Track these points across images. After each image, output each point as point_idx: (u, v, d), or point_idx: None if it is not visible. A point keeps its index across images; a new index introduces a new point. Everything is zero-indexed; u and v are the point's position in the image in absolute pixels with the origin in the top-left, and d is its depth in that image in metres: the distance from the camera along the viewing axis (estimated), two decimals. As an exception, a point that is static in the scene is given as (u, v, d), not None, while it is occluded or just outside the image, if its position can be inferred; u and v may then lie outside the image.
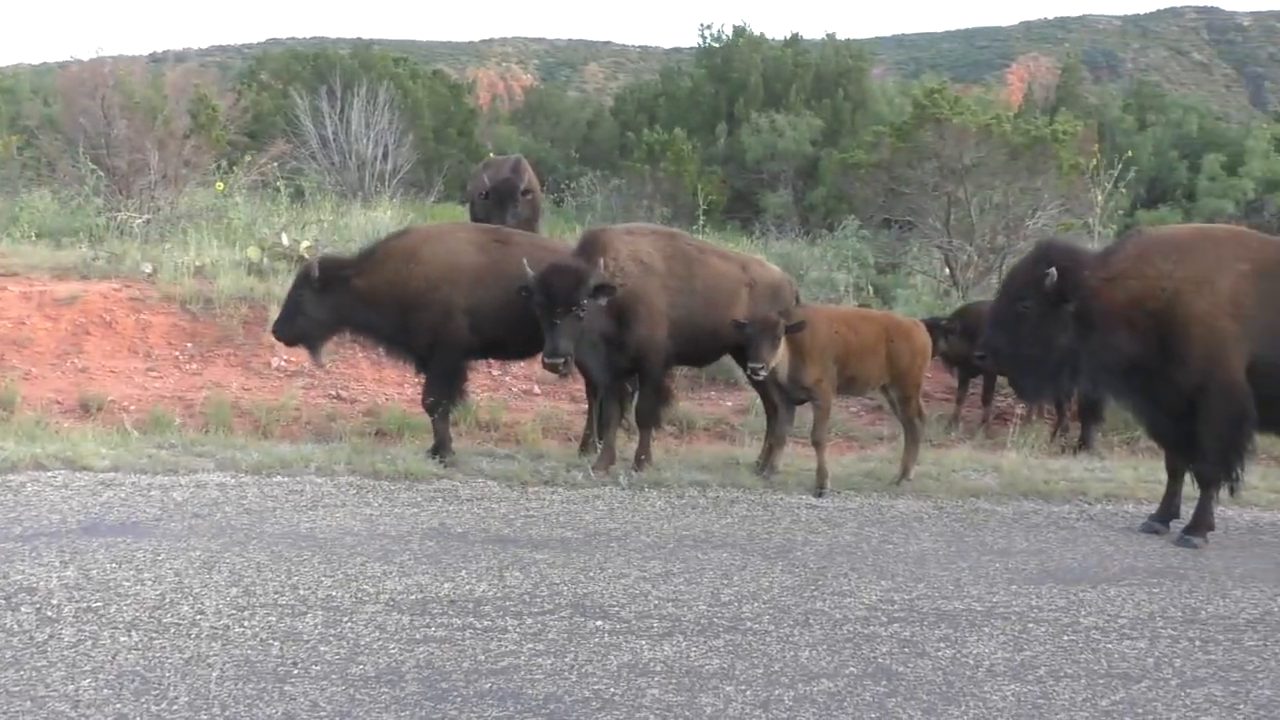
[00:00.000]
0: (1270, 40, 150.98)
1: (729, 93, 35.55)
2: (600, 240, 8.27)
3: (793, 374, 7.87)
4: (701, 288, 8.48)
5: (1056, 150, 16.30)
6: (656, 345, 8.24)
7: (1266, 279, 7.09)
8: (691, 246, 8.82)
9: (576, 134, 42.91)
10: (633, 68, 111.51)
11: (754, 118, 32.57)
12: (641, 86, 44.52)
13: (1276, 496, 8.63)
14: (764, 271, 9.03)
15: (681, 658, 4.73)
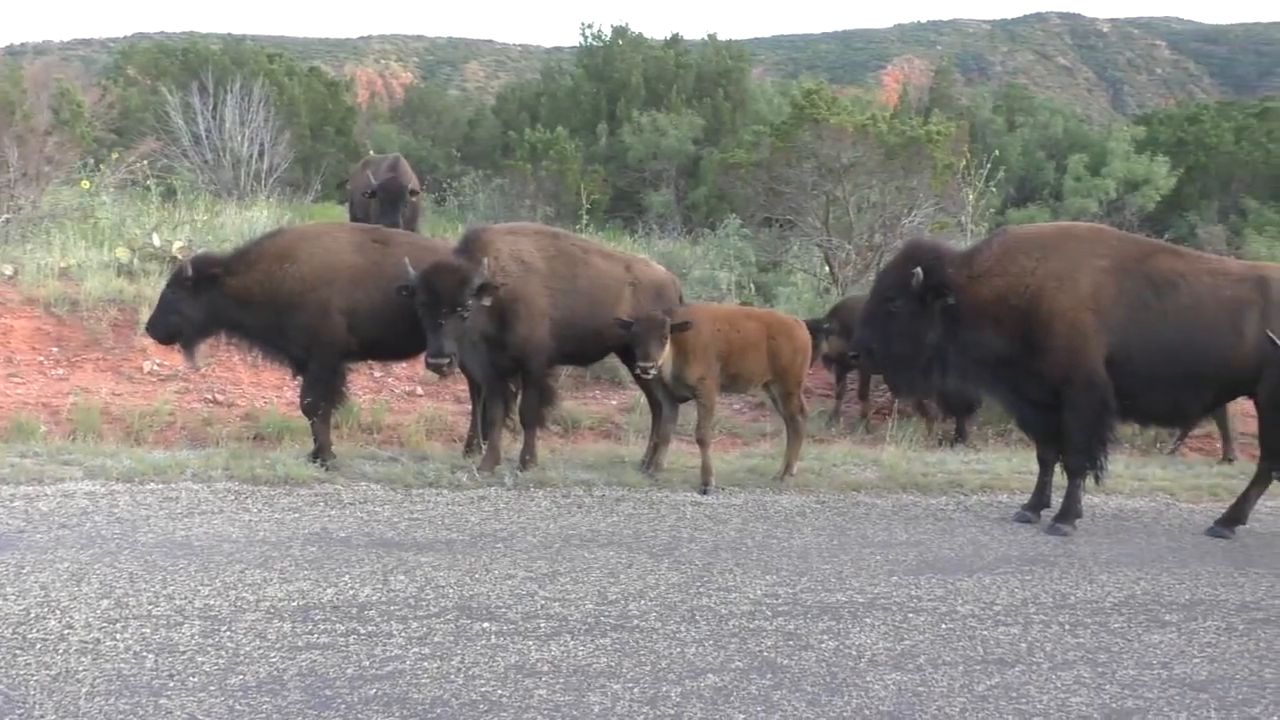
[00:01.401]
0: (1128, 46, 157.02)
1: (610, 92, 35.61)
2: (482, 239, 8.21)
3: (677, 372, 7.93)
4: (585, 287, 8.48)
5: (931, 150, 16.69)
6: (538, 345, 8.22)
7: (1125, 275, 7.38)
8: (575, 246, 8.81)
9: (458, 133, 42.53)
10: (514, 66, 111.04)
11: (636, 117, 32.69)
12: (523, 85, 44.42)
13: (1139, 484, 8.98)
14: (648, 271, 9.07)
15: (569, 657, 4.73)
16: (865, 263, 15.95)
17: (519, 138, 30.78)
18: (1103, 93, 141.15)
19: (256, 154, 21.52)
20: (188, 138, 21.54)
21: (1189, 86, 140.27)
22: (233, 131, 21.40)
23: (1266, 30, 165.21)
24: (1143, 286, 7.35)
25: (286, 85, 31.74)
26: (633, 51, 36.74)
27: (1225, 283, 7.52)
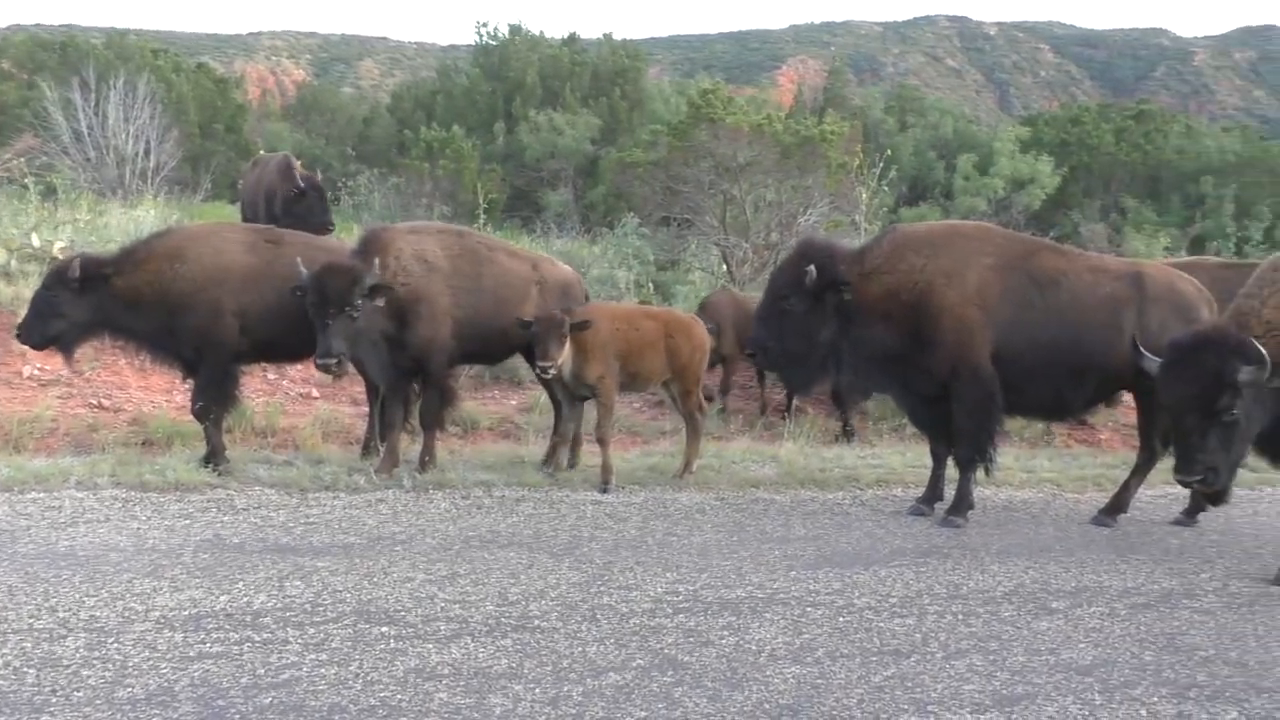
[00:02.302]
0: (1014, 49, 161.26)
1: (507, 91, 35.47)
2: (380, 239, 8.12)
3: (577, 371, 7.93)
4: (490, 286, 8.44)
5: (825, 150, 16.93)
6: (439, 344, 8.16)
7: (1010, 272, 7.58)
8: (481, 245, 8.77)
9: (352, 131, 41.98)
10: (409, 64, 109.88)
11: (532, 116, 32.60)
12: (418, 84, 43.97)
13: (1028, 476, 9.24)
14: (555, 270, 9.07)
15: (470, 659, 4.69)
16: (762, 261, 16.12)
17: (415, 137, 30.49)
18: (990, 94, 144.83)
19: (142, 152, 20.95)
20: (68, 134, 20.87)
21: (1071, 89, 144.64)
22: (116, 128, 20.79)
23: (1143, 36, 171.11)
24: (1027, 283, 7.56)
25: (174, 82, 31.00)
26: (529, 50, 36.66)
27: (1105, 279, 7.77)
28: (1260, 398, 6.06)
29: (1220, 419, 6.01)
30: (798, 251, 7.84)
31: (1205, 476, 6.11)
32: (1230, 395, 5.95)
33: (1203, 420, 6.03)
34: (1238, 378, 5.91)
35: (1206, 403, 6.01)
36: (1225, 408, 5.97)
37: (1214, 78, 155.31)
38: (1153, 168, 34.95)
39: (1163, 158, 35.09)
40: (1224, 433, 6.05)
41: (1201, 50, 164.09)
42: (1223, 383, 5.95)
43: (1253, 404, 6.04)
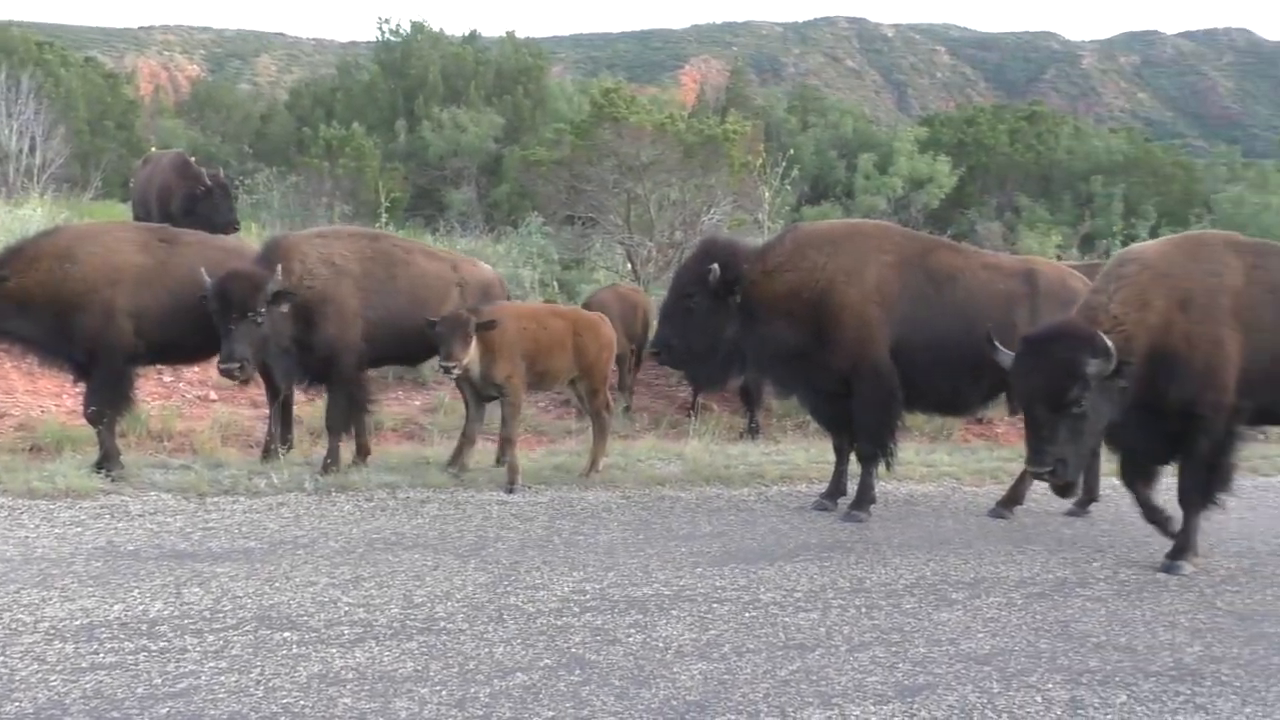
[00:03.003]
0: (911, 50, 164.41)
1: (408, 89, 35.08)
2: (284, 245, 8.07)
3: (484, 371, 7.86)
4: (406, 288, 8.38)
5: (728, 149, 17.06)
6: (347, 348, 8.08)
7: (908, 269, 7.72)
8: (397, 247, 8.71)
9: (249, 128, 41.17)
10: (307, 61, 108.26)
11: (435, 114, 32.30)
12: (317, 81, 43.32)
13: (928, 470, 9.41)
14: (475, 270, 9.02)
15: (374, 663, 4.63)
16: (666, 260, 16.19)
17: (314, 134, 29.97)
18: (889, 94, 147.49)
19: (28, 148, 20.29)
20: (-53, 130, 20.15)
21: (967, 90, 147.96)
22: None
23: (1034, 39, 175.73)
24: (924, 281, 7.70)
25: (62, 76, 30.08)
26: (431, 48, 36.31)
27: (999, 277, 7.96)
28: (1107, 392, 6.25)
29: (1069, 412, 6.17)
30: (701, 250, 7.90)
31: (1055, 468, 6.25)
32: (1079, 388, 6.10)
33: (1052, 413, 6.19)
34: (1086, 371, 6.08)
35: (1055, 395, 6.15)
36: (1073, 400, 6.13)
37: (1101, 80, 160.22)
38: (1045, 168, 35.91)
39: (1054, 158, 36.10)
40: (1073, 425, 6.21)
41: (1089, 53, 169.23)
42: (1071, 376, 6.10)
43: (1100, 398, 6.22)
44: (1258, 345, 6.54)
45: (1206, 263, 6.70)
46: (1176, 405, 6.53)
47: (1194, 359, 6.47)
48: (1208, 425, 6.56)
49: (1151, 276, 6.62)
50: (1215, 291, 6.57)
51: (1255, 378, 6.54)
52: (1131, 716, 4.46)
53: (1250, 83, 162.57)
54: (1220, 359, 6.49)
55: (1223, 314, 6.53)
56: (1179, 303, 6.53)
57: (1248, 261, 6.74)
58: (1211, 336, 6.50)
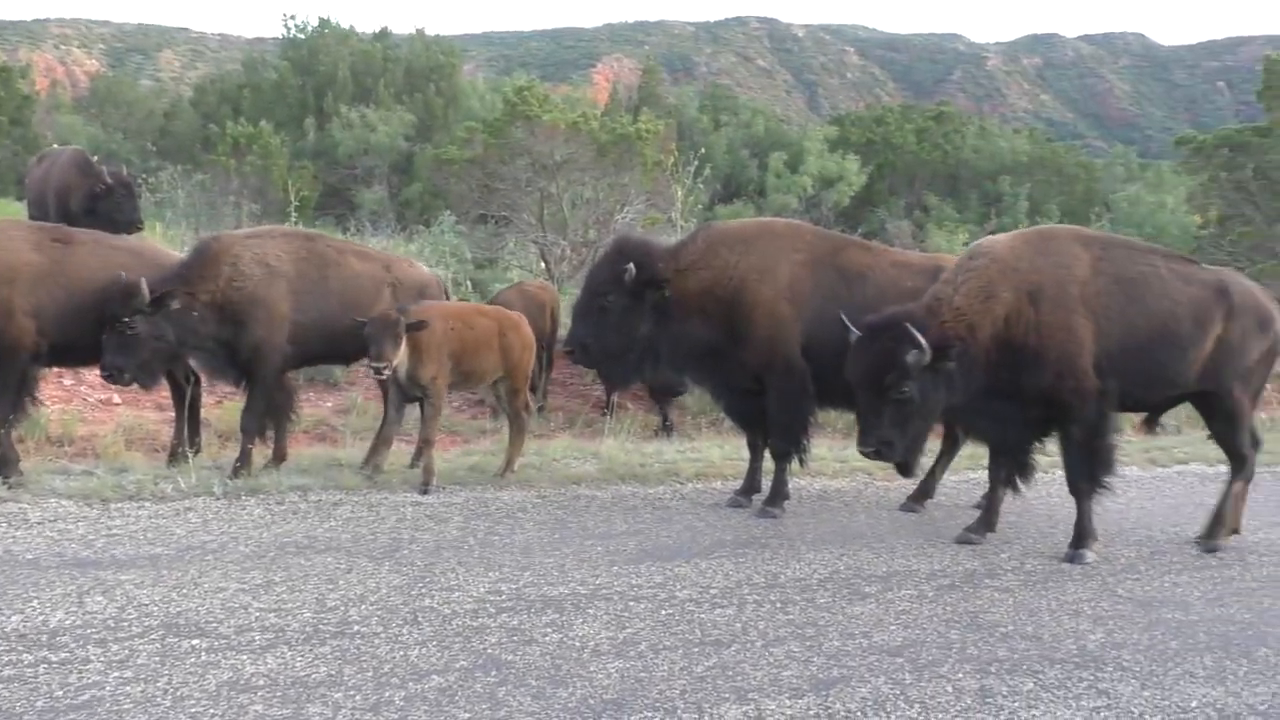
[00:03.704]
0: (821, 51, 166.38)
1: (317, 86, 34.62)
2: (215, 247, 7.99)
3: (411, 372, 7.77)
4: (338, 289, 8.29)
5: (641, 148, 17.11)
6: (273, 350, 7.98)
7: (819, 268, 7.81)
8: (330, 248, 8.61)
9: (152, 125, 40.23)
10: (212, 57, 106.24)
11: (344, 112, 31.91)
12: (223, 77, 42.49)
13: (841, 466, 9.52)
14: (410, 271, 8.92)
15: (286, 669, 4.56)
16: (580, 258, 16.20)
17: (220, 132, 29.38)
18: (799, 94, 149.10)
19: (-85, 146, 19.58)
20: None
21: (875, 90, 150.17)
22: (-114, 120, 19.39)
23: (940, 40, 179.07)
24: (835, 279, 7.79)
25: (-49, 71, 29.10)
26: (339, 45, 35.86)
27: (907, 274, 8.08)
28: (936, 379, 6.50)
29: (892, 396, 6.42)
30: (614, 249, 7.89)
31: (879, 449, 6.57)
32: (898, 375, 6.37)
33: (876, 397, 6.47)
34: (904, 360, 6.32)
35: (875, 381, 6.44)
36: (893, 385, 6.38)
37: (1005, 82, 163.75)
38: (952, 167, 36.63)
39: (961, 157, 36.84)
40: (897, 410, 6.47)
41: (993, 55, 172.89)
42: (889, 364, 6.37)
43: (927, 385, 6.47)
44: (1107, 332, 6.84)
45: (1055, 255, 6.98)
46: (1034, 394, 6.80)
47: (1047, 348, 6.73)
48: (1075, 412, 6.83)
49: (999, 269, 6.86)
50: (1064, 282, 6.85)
51: (1104, 364, 6.83)
52: (1037, 703, 4.56)
53: (1145, 85, 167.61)
54: (1074, 347, 6.76)
55: (1073, 303, 6.81)
56: (1028, 294, 6.79)
57: (1094, 254, 7.05)
58: (1063, 325, 6.76)
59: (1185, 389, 7.31)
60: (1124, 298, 6.94)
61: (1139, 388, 7.11)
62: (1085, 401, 6.81)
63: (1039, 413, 6.92)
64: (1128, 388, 7.00)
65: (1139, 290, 6.99)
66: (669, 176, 17.77)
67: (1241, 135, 21.58)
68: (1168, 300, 7.03)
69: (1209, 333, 7.08)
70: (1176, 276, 7.15)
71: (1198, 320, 7.06)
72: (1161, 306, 7.00)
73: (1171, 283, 7.10)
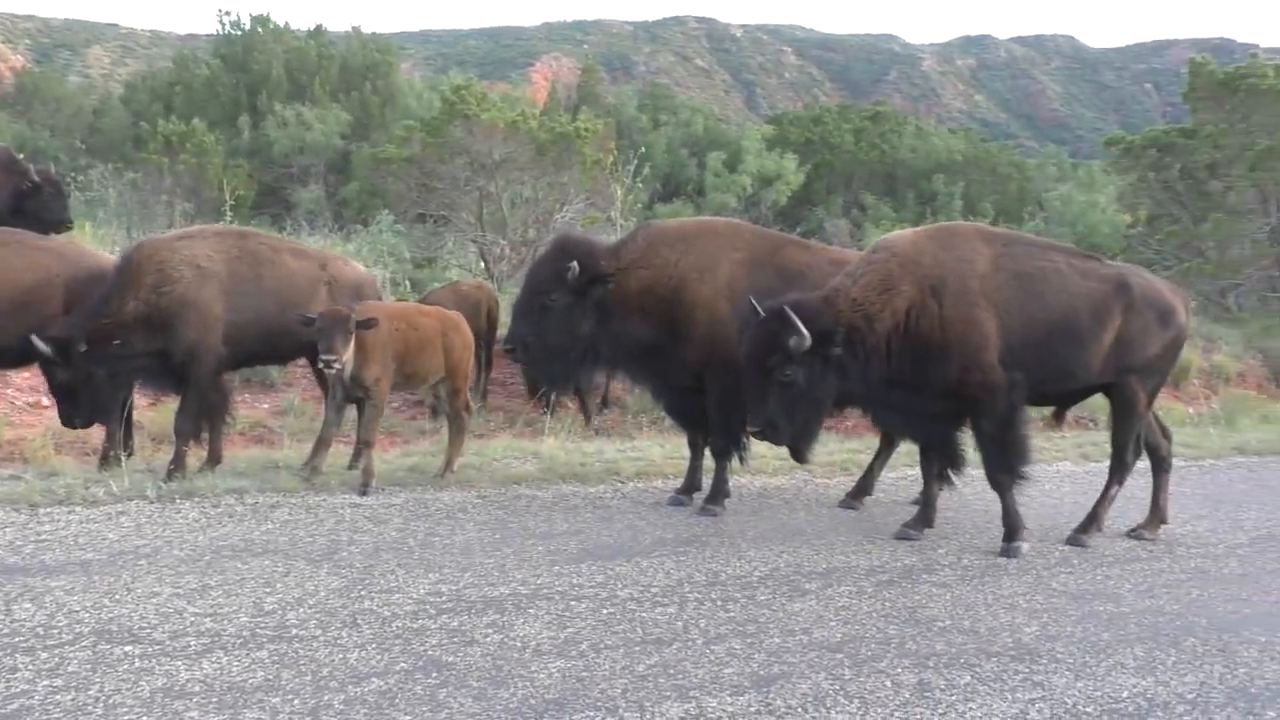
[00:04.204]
0: (759, 51, 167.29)
1: (251, 84, 34.16)
2: (135, 259, 7.84)
3: (356, 372, 7.67)
4: (273, 288, 8.17)
5: (580, 147, 17.10)
6: (207, 351, 7.87)
7: (758, 267, 7.85)
8: (264, 246, 8.48)
9: (81, 122, 39.49)
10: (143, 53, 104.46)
11: (280, 110, 31.53)
12: (155, 74, 41.81)
13: (780, 463, 9.55)
14: (346, 269, 8.82)
15: (223, 674, 4.49)
16: (520, 258, 16.15)
17: (152, 129, 28.90)
18: (738, 94, 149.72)
19: None
20: None
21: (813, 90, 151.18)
22: None
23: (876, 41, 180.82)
24: (774, 277, 7.82)
25: None
26: (274, 42, 35.40)
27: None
28: (823, 366, 6.63)
29: (776, 380, 6.56)
30: (556, 247, 7.86)
31: (764, 430, 6.75)
32: (780, 358, 6.51)
33: (762, 378, 6.62)
34: (785, 344, 6.45)
35: (758, 364, 6.61)
36: (777, 368, 6.53)
37: (940, 82, 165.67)
38: (889, 166, 37.02)
39: (898, 157, 37.24)
40: (782, 394, 6.62)
41: (928, 56, 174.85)
42: (771, 347, 6.53)
43: (813, 371, 6.61)
44: (1007, 326, 6.97)
45: (957, 250, 7.11)
46: (940, 387, 6.92)
47: (950, 342, 6.86)
48: (984, 406, 6.96)
49: (900, 263, 6.98)
50: (966, 277, 6.98)
51: (1010, 357, 6.96)
52: (974, 696, 4.62)
53: (1076, 87, 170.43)
54: (978, 339, 6.89)
55: (975, 297, 6.93)
56: (931, 288, 6.91)
57: (995, 250, 7.19)
58: (966, 319, 6.89)
59: (1087, 382, 7.46)
60: (1024, 292, 7.08)
61: (1041, 381, 7.24)
62: (993, 395, 6.93)
63: (948, 406, 7.03)
64: (1030, 381, 7.14)
65: (1038, 285, 7.14)
66: (608, 175, 17.77)
67: (1168, 136, 22.03)
68: (1066, 295, 7.18)
69: (1108, 326, 7.25)
70: (1076, 272, 7.32)
71: (1096, 314, 7.22)
72: (1060, 301, 7.16)
73: (1071, 278, 7.26)
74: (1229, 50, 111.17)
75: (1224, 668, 5.13)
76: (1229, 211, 19.85)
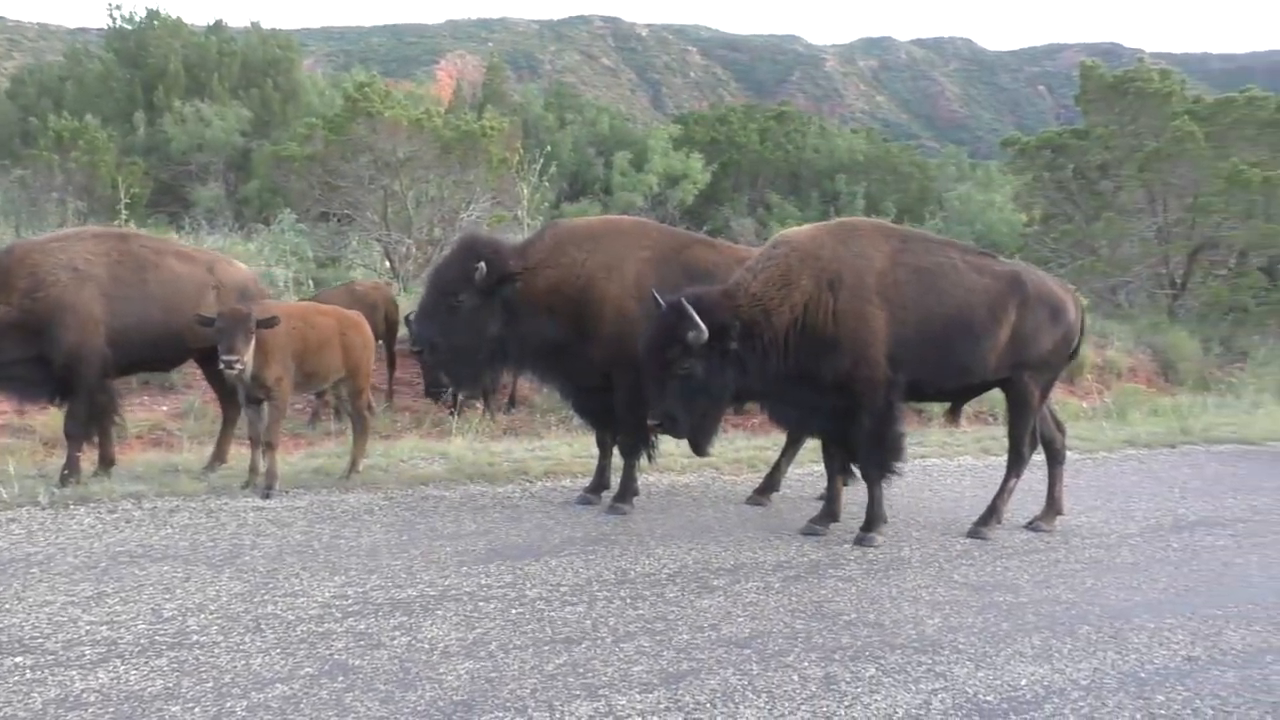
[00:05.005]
0: (664, 50, 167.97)
1: (147, 79, 33.27)
2: (13, 256, 7.63)
3: (256, 372, 7.52)
4: (157, 291, 7.96)
5: (486, 145, 17.01)
6: (91, 351, 7.64)
7: (664, 265, 7.88)
8: (147, 248, 8.23)
9: (-35, 118, 38.08)
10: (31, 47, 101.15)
11: (177, 106, 30.80)
12: (43, 68, 40.43)
13: (688, 461, 9.61)
14: (232, 271, 8.60)
15: (120, 684, 4.38)
16: (426, 257, 16.01)
17: (42, 125, 28.01)
18: (644, 93, 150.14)
19: None
20: None
21: (719, 90, 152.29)
22: None
23: (780, 41, 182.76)
24: (681, 275, 7.84)
25: None
26: (170, 36, 34.51)
27: (750, 271, 8.23)
28: (726, 361, 6.73)
29: (675, 373, 6.65)
30: (463, 247, 7.78)
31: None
32: (678, 351, 6.60)
33: (661, 371, 6.69)
34: (683, 337, 6.55)
35: (655, 357, 6.68)
36: (674, 361, 6.62)
37: (843, 83, 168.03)
38: (793, 165, 37.41)
39: (802, 156, 37.66)
40: (680, 386, 6.70)
41: (831, 57, 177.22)
42: (669, 341, 6.61)
43: (717, 366, 6.71)
44: (902, 321, 7.10)
45: (855, 246, 7.23)
46: (831, 380, 7.03)
47: (843, 336, 6.97)
48: (865, 401, 7.08)
49: (799, 258, 7.09)
50: (863, 273, 7.10)
51: (901, 353, 7.09)
52: (879, 688, 4.71)
53: (974, 88, 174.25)
54: (868, 335, 7.01)
55: (869, 293, 7.06)
56: (828, 283, 7.03)
57: (893, 246, 7.33)
58: (859, 314, 7.01)
59: (983, 378, 7.61)
60: (921, 288, 7.20)
61: (938, 376, 7.40)
62: (875, 390, 7.05)
63: (839, 401, 7.13)
64: (926, 376, 7.28)
65: (935, 281, 7.27)
66: (514, 174, 17.70)
67: (1061, 138, 22.61)
68: (963, 290, 7.32)
69: (1003, 323, 7.39)
70: (972, 269, 7.46)
71: (992, 310, 7.36)
72: (957, 296, 7.29)
73: (967, 274, 7.40)
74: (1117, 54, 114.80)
75: (1116, 654, 5.30)
76: (1119, 211, 20.43)
